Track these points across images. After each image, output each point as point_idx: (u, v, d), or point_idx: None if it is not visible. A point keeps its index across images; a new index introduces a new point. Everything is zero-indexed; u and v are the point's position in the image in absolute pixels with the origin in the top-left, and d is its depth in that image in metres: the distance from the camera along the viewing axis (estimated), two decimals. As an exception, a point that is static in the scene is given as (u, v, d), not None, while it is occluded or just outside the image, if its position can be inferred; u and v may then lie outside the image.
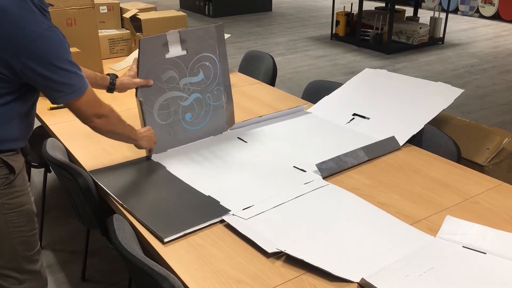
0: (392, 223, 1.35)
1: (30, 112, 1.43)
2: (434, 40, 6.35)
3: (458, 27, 7.34)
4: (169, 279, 1.10)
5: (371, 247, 1.25)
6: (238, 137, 1.86)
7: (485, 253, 1.21)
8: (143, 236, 1.32)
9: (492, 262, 1.18)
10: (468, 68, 5.39)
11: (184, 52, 1.72)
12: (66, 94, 1.31)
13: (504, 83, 4.88)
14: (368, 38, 6.20)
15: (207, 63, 1.79)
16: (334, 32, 6.68)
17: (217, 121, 1.88)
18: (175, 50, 1.70)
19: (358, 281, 1.13)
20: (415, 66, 5.44)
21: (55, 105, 1.96)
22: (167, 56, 1.68)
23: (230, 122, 1.92)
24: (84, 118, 1.40)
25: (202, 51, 1.77)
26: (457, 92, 1.95)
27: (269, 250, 1.22)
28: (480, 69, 5.35)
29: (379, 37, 6.08)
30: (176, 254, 1.24)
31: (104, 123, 1.43)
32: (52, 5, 1.35)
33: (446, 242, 1.26)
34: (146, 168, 1.65)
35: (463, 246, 1.24)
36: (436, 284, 1.11)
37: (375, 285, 1.07)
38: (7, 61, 1.24)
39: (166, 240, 1.28)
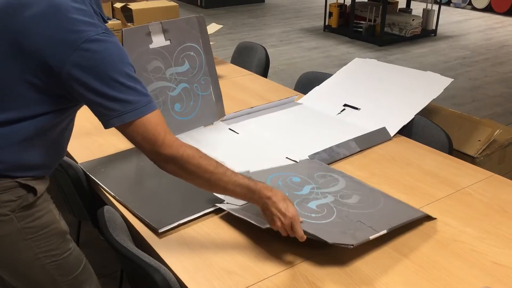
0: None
1: (63, 135, 1.19)
2: (426, 32, 6.36)
3: (450, 19, 7.35)
4: (160, 271, 1.09)
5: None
6: (230, 128, 1.86)
7: None
8: (134, 228, 1.31)
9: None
10: (460, 60, 5.40)
11: (168, 42, 1.72)
12: (121, 114, 1.01)
13: (496, 75, 4.90)
14: (361, 29, 6.19)
15: (192, 53, 1.79)
16: (327, 23, 6.66)
17: (207, 112, 1.87)
18: (159, 40, 1.70)
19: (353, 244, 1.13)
20: (408, 58, 5.45)
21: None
22: (151, 46, 1.68)
23: (219, 113, 1.91)
24: (146, 154, 1.07)
25: (186, 41, 1.77)
26: (446, 81, 1.95)
27: (263, 226, 1.21)
28: (472, 61, 5.37)
29: (372, 29, 6.08)
30: (168, 246, 1.24)
31: (175, 171, 1.08)
32: (110, 19, 1.14)
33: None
34: (137, 159, 1.63)
35: None
36: None
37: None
38: (52, 68, 1.00)
39: (161, 230, 1.27)
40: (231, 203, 1.37)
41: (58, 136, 1.18)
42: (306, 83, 2.36)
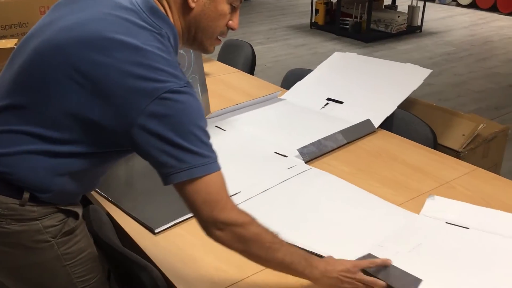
0: (376, 203, 1.38)
1: (110, 168, 1.17)
2: (412, 29, 6.40)
3: (435, 15, 7.41)
4: (147, 269, 1.09)
5: (359, 227, 1.28)
6: (216, 126, 1.86)
7: (468, 228, 1.24)
8: (120, 227, 1.31)
9: (475, 236, 1.21)
10: (445, 56, 5.45)
11: None
12: (190, 167, 0.94)
13: (480, 71, 4.95)
14: (347, 26, 6.22)
15: (181, 51, 1.77)
16: (313, 20, 6.67)
17: (194, 110, 1.87)
18: None
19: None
20: (394, 54, 5.48)
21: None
22: None
23: (205, 110, 1.91)
24: (198, 218, 0.99)
25: None
26: (425, 72, 1.99)
27: None
28: (456, 57, 5.42)
29: (358, 26, 6.10)
30: (155, 244, 1.24)
31: (230, 239, 0.99)
32: (180, 64, 1.05)
33: (430, 219, 1.30)
34: (125, 158, 1.62)
35: (446, 222, 1.27)
36: (425, 259, 1.14)
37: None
38: (126, 115, 0.93)
39: (157, 230, 1.27)
40: None
41: (106, 170, 1.15)
42: (293, 80, 2.36)
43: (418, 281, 1.03)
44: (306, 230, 1.27)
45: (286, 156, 1.63)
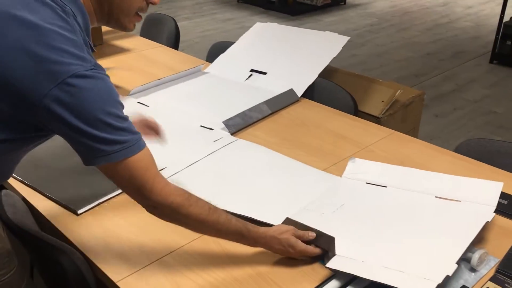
0: (302, 169, 1.41)
1: (19, 160, 1.07)
2: (336, 1, 6.53)
3: (358, -13, 7.59)
4: (68, 253, 1.05)
5: (287, 192, 1.31)
6: (139, 102, 1.80)
7: (386, 187, 1.31)
8: (38, 211, 1.25)
9: (393, 194, 1.28)
10: (368, 27, 5.62)
11: None
12: (108, 154, 0.89)
13: (401, 41, 5.16)
14: (274, 0, 6.23)
15: None
16: (240, -6, 6.62)
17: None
18: None
19: (281, 223, 1.16)
20: (319, 27, 5.58)
21: None
22: None
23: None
24: (131, 197, 0.97)
25: None
26: (343, 39, 2.05)
27: None
28: (379, 28, 5.61)
29: (284, -1, 6.13)
30: (78, 227, 1.19)
31: (163, 217, 1.00)
32: (96, 46, 0.96)
33: (351, 180, 1.35)
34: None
35: (366, 183, 1.33)
36: (348, 217, 1.19)
37: (300, 221, 1.12)
38: (28, 99, 0.85)
39: (79, 212, 1.23)
40: None
41: (15, 161, 1.05)
42: (217, 53, 2.33)
43: (332, 238, 1.07)
44: (235, 199, 1.28)
45: (212, 129, 1.62)
